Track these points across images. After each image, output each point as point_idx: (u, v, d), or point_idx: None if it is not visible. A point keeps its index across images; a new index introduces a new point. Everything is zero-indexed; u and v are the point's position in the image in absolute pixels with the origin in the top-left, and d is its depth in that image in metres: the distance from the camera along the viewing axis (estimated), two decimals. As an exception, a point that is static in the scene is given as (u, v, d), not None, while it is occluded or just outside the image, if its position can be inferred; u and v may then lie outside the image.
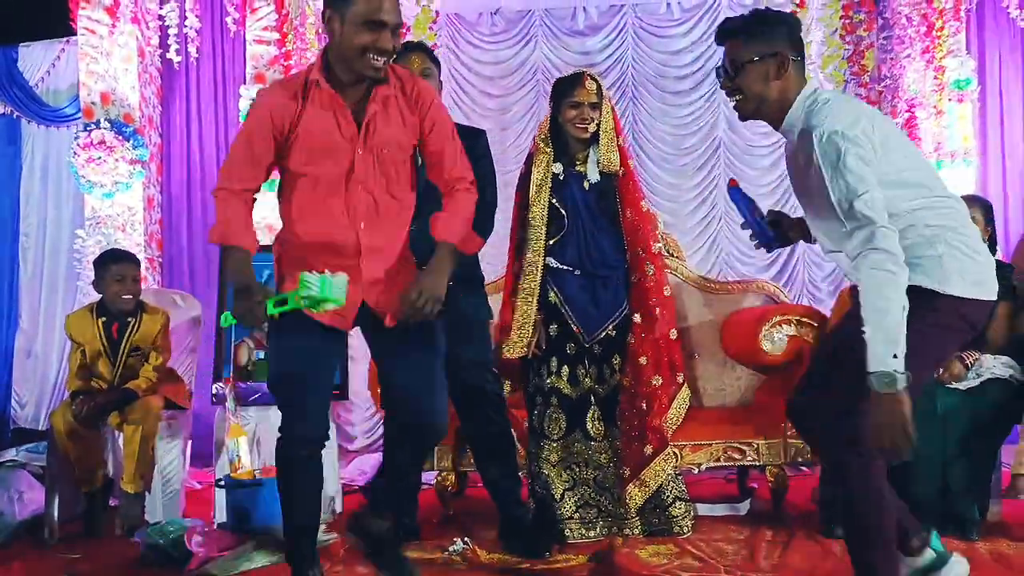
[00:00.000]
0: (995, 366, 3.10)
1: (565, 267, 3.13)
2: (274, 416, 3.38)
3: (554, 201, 3.14)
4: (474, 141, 3.01)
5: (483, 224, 2.91)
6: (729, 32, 2.15)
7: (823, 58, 4.70)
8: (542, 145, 3.18)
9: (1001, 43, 5.23)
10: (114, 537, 3.30)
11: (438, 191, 2.35)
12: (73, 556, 3.09)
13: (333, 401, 3.71)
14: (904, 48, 4.67)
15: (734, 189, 2.41)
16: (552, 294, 3.13)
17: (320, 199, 2.19)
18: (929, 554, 2.23)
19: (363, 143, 2.17)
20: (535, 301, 3.11)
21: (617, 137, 3.18)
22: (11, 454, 3.76)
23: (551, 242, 3.13)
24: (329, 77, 2.16)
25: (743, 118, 2.22)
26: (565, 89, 3.10)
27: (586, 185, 3.17)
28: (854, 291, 2.12)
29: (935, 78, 4.64)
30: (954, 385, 3.07)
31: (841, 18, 4.53)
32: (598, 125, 3.11)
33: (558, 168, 3.17)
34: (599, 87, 3.11)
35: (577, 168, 3.18)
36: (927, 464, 2.98)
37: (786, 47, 2.10)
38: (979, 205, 3.22)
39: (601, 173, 3.16)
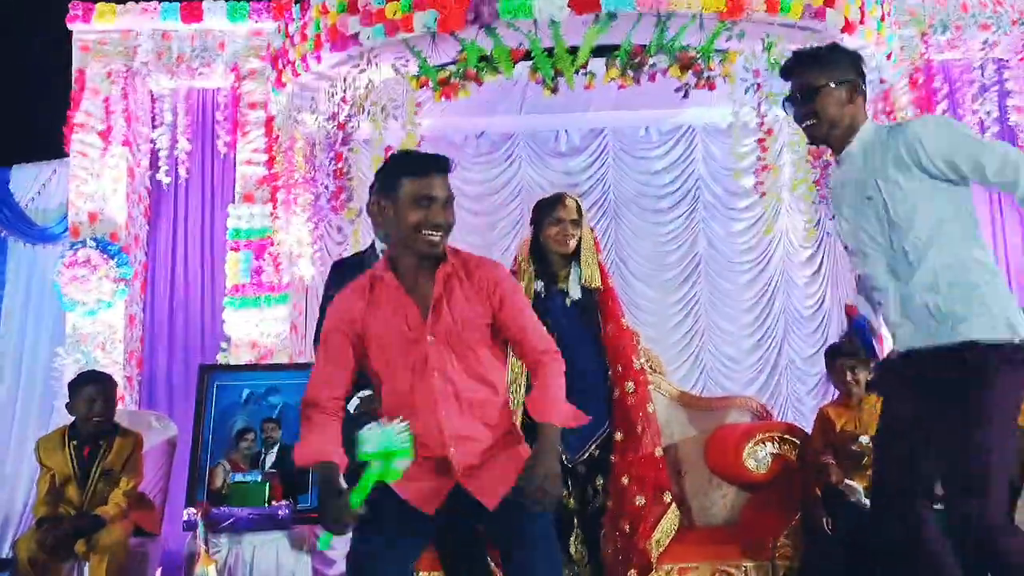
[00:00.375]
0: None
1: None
2: (246, 544, 3.32)
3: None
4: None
5: None
6: (804, 61, 2.30)
7: (793, 181, 4.88)
8: (524, 264, 3.23)
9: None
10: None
11: None
12: None
13: (311, 524, 3.63)
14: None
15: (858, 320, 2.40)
16: None
17: (401, 392, 2.12)
18: None
19: (431, 329, 2.11)
20: (517, 421, 3.07)
21: (597, 254, 3.23)
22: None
23: (533, 361, 3.13)
24: (393, 268, 2.16)
25: (812, 142, 2.36)
26: (546, 208, 3.18)
27: (568, 302, 3.19)
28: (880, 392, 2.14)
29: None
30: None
31: (808, 143, 4.70)
32: (579, 242, 3.17)
33: (539, 286, 3.21)
34: (579, 206, 3.19)
35: (559, 286, 3.22)
36: None
37: (856, 76, 2.26)
38: None
39: (582, 289, 3.19)
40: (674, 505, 3.15)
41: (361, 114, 4.31)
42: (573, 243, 3.14)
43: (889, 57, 4.57)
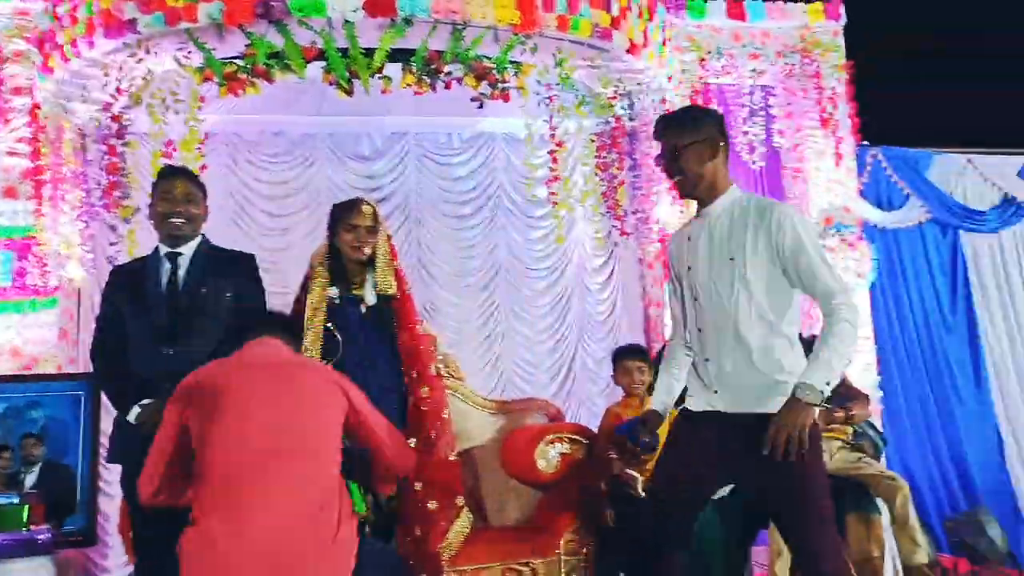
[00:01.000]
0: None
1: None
2: (4, 572, 3.00)
3: (329, 325, 3.10)
4: (242, 266, 2.97)
5: None
6: (668, 124, 2.49)
7: (582, 193, 5.11)
8: (319, 269, 3.17)
9: (737, 177, 5.93)
10: None
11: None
12: None
13: (78, 547, 3.34)
14: (652, 184, 5.20)
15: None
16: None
17: None
18: None
19: None
20: None
21: (393, 261, 3.22)
22: None
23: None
24: None
25: (683, 196, 2.56)
26: (342, 214, 3.14)
27: (363, 309, 3.16)
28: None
29: (682, 211, 5.16)
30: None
31: (596, 157, 4.97)
32: (374, 249, 3.14)
33: (334, 292, 3.15)
34: (375, 213, 3.17)
35: (354, 292, 3.18)
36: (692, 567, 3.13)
37: (716, 135, 2.44)
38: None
39: (378, 296, 3.17)
40: (466, 508, 3.19)
41: (139, 106, 4.03)
42: (368, 250, 3.12)
43: (670, 79, 4.91)
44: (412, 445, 3.07)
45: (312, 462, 2.11)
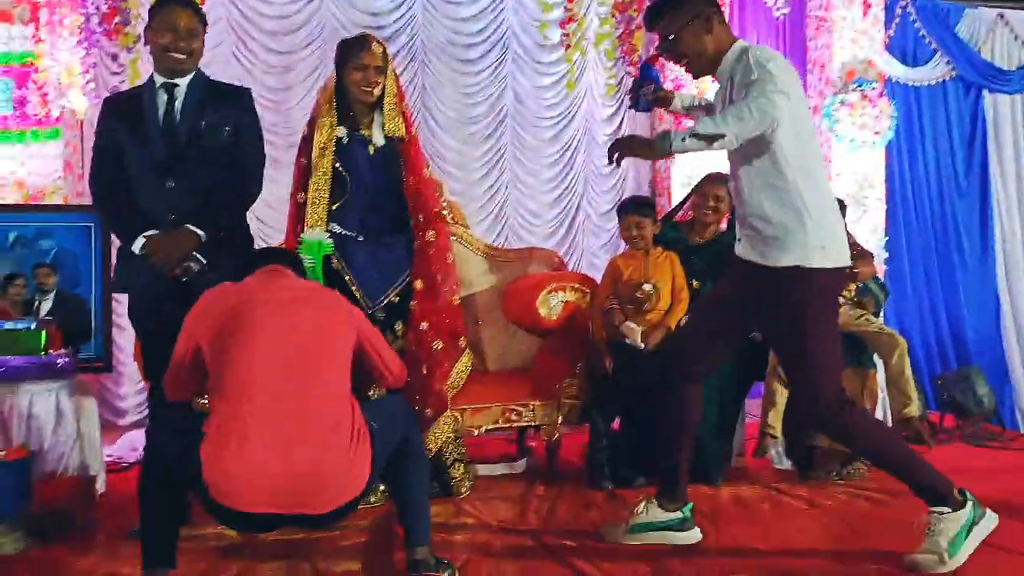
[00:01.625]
0: (740, 328, 3.44)
1: (348, 232, 3.07)
2: (22, 393, 3.12)
3: (338, 165, 3.07)
4: (240, 99, 2.92)
5: (252, 185, 2.96)
6: (656, 13, 2.48)
7: (596, 35, 4.91)
8: (326, 108, 3.09)
9: (759, 29, 5.73)
10: None
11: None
12: None
13: (96, 374, 3.47)
14: (670, 30, 5.00)
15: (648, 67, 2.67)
16: (335, 260, 3.07)
17: None
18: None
19: None
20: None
21: (401, 103, 3.15)
22: None
23: (334, 207, 3.07)
24: None
25: (696, 76, 2.55)
26: (351, 51, 3.03)
27: (371, 150, 3.12)
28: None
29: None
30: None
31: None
32: (383, 89, 3.07)
33: (342, 132, 3.10)
34: (385, 52, 3.07)
35: (361, 132, 3.12)
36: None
37: (702, 6, 2.42)
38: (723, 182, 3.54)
39: (385, 138, 3.12)
40: (468, 350, 3.29)
41: (137, -75, 3.83)
42: (377, 91, 3.04)
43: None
44: (418, 287, 3.13)
45: (325, 382, 2.14)
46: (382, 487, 3.04)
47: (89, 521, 2.88)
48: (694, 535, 2.61)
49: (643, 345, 3.31)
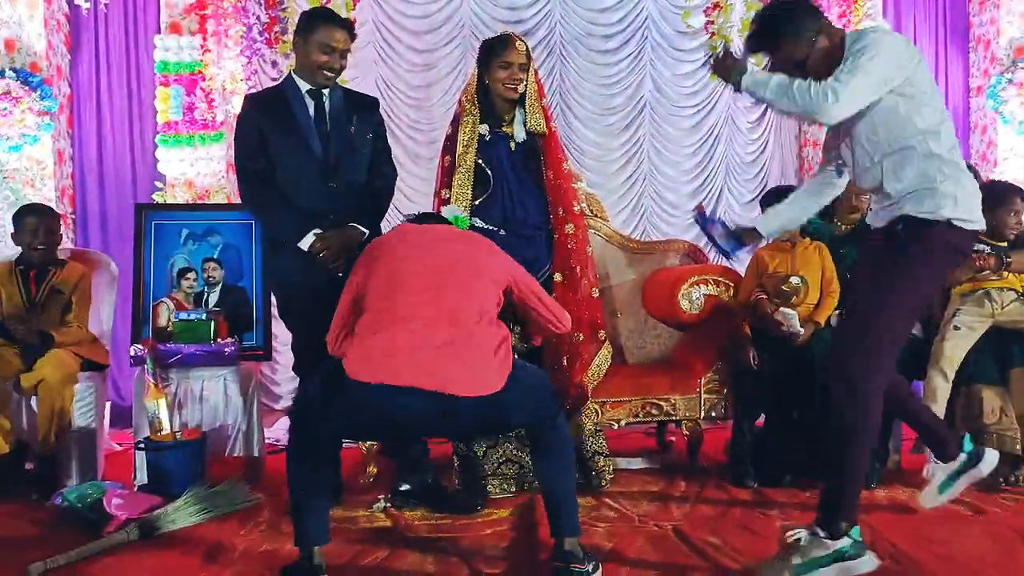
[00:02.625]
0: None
1: (490, 227, 3.14)
2: (194, 379, 3.39)
3: (480, 162, 3.14)
4: (375, 108, 3.13)
5: (392, 184, 3.14)
6: (765, 44, 2.39)
7: (742, 21, 4.77)
8: (468, 106, 3.18)
9: (915, 6, 5.41)
10: (30, 501, 3.21)
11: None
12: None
13: (256, 362, 3.71)
14: (824, 8, 4.79)
15: (703, 216, 2.65)
16: None
17: None
18: (963, 456, 2.59)
19: None
20: None
21: (541, 99, 3.19)
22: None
23: (476, 202, 3.15)
24: None
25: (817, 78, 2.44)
26: (495, 50, 3.10)
27: (512, 146, 3.18)
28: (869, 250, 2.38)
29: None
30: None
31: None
32: (525, 87, 3.12)
33: (484, 129, 3.17)
34: (528, 50, 3.12)
35: (503, 129, 3.19)
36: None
37: (818, 19, 2.35)
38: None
39: (527, 133, 3.17)
40: (608, 342, 3.29)
41: (296, -60, 4.05)
42: (521, 88, 3.10)
43: None
44: (558, 279, 3.17)
45: (470, 294, 2.23)
46: (522, 482, 3.10)
47: (253, 499, 3.07)
48: (871, 561, 2.24)
49: (801, 331, 3.21)
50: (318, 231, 2.88)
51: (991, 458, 2.60)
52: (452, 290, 2.22)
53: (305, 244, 2.87)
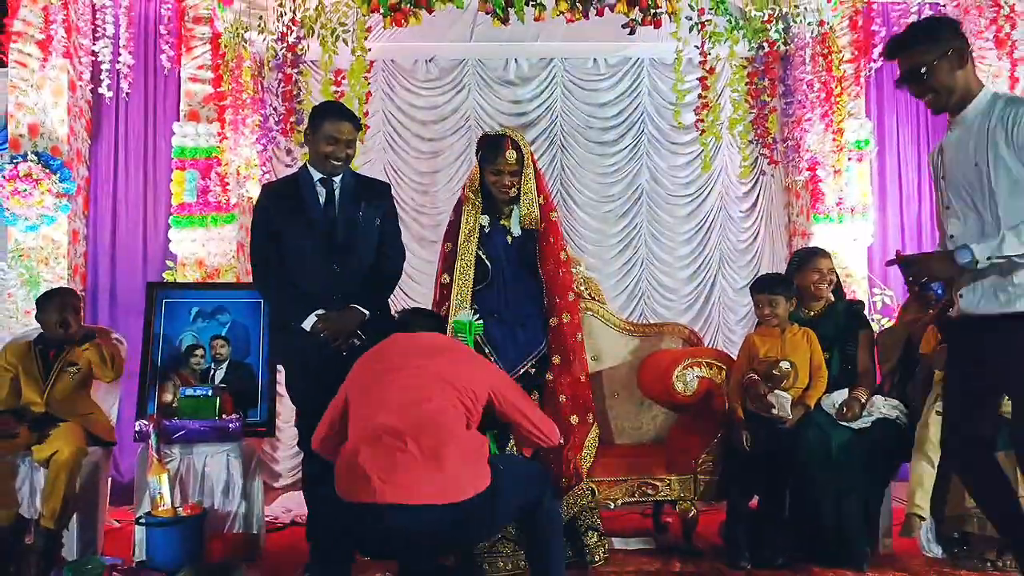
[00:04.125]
0: (884, 407, 3.36)
1: (489, 312, 3.27)
2: (197, 455, 3.44)
3: (480, 252, 3.30)
4: (385, 192, 3.32)
5: (399, 267, 3.27)
6: (905, 44, 2.39)
7: (730, 120, 5.01)
8: (471, 196, 3.36)
9: (898, 105, 5.66)
10: (29, 576, 3.23)
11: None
12: (-14, 595, 3.03)
13: (258, 438, 3.78)
14: (805, 112, 5.05)
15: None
16: (480, 340, 3.27)
17: None
18: None
19: None
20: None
21: (539, 196, 3.34)
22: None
23: (476, 288, 3.29)
24: None
25: (937, 112, 2.47)
26: (487, 155, 3.30)
27: (509, 239, 3.35)
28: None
29: (834, 139, 4.99)
30: (849, 424, 3.30)
31: (747, 84, 4.87)
32: (519, 188, 3.29)
33: (485, 220, 3.35)
34: (520, 154, 3.28)
35: (502, 222, 3.36)
36: (823, 500, 3.19)
37: (959, 42, 2.35)
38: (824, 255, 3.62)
39: (522, 229, 3.34)
40: (596, 424, 3.38)
41: (311, 36, 4.28)
42: (513, 191, 3.29)
43: (829, 0, 4.70)
44: (556, 362, 3.27)
45: (445, 409, 2.36)
46: (519, 560, 3.13)
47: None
48: None
49: (791, 416, 3.29)
50: (320, 312, 3.00)
51: None
52: (430, 405, 2.34)
53: (307, 324, 2.99)
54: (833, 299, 3.65)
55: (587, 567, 3.15)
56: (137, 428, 3.47)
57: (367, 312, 3.04)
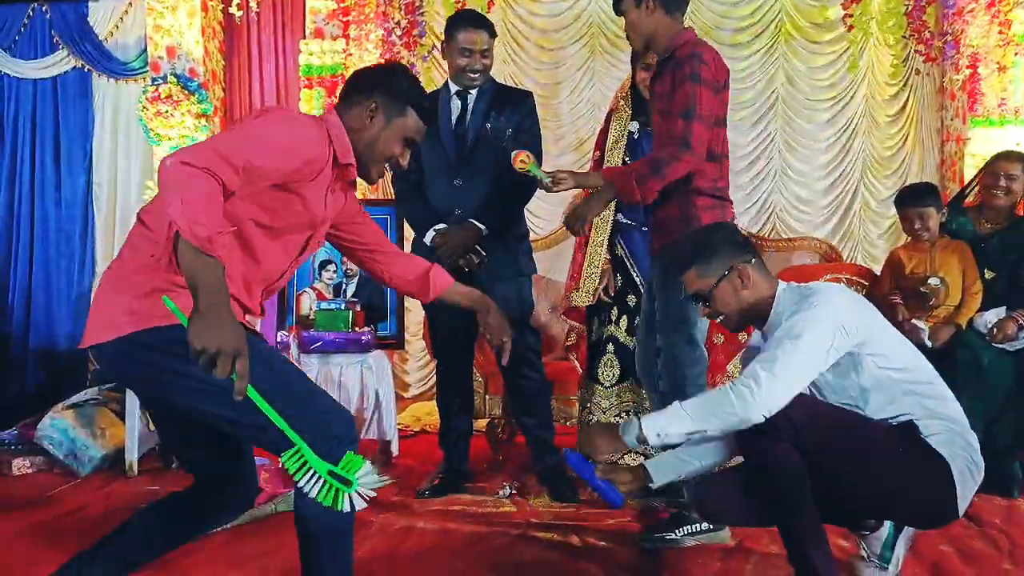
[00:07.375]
0: (1044, 329, 3.10)
1: (632, 222, 3.22)
2: (334, 364, 3.60)
3: (627, 159, 3.21)
4: (522, 103, 3.19)
5: (528, 184, 3.07)
6: (681, 270, 2.16)
7: (882, 13, 4.57)
8: (622, 103, 3.29)
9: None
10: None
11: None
12: (152, 487, 3.31)
13: (389, 350, 3.90)
14: (968, 1, 4.54)
15: (572, 454, 2.14)
16: (619, 247, 3.24)
17: None
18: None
19: None
20: (603, 253, 3.23)
21: None
22: (93, 393, 3.97)
23: (624, 199, 3.21)
24: None
25: (735, 331, 2.33)
26: (635, 59, 3.22)
27: None
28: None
29: (1000, 32, 4.50)
30: (1003, 346, 3.08)
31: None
32: None
33: (634, 127, 3.27)
34: None
35: (650, 128, 3.23)
36: (972, 422, 3.00)
37: (735, 257, 2.10)
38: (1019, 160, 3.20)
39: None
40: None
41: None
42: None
43: None
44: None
45: None
46: None
47: (385, 480, 3.23)
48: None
49: (930, 345, 3.09)
50: (440, 226, 3.01)
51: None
52: None
53: (427, 239, 3.02)
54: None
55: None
56: (278, 339, 3.64)
57: (483, 227, 3.00)
